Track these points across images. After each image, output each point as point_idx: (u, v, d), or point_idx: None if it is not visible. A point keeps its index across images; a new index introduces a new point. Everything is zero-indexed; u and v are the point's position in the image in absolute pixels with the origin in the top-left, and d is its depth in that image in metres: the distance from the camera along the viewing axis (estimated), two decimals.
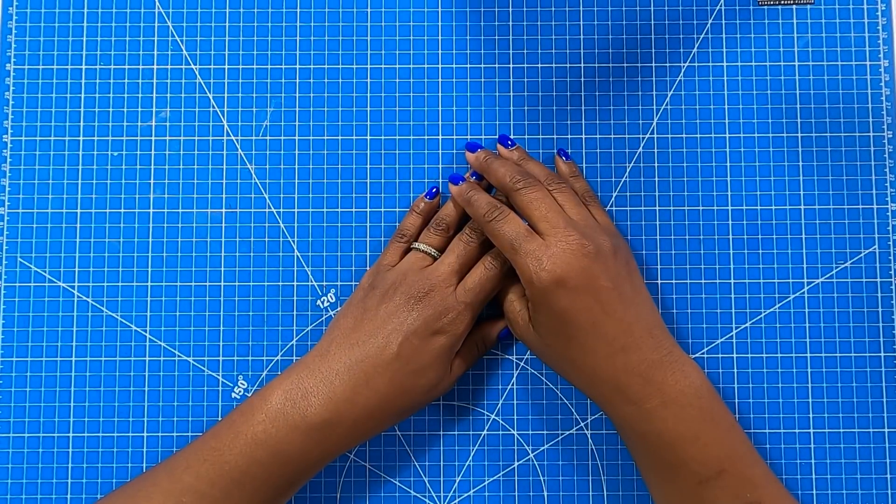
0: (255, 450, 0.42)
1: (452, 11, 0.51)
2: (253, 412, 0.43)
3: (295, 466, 0.43)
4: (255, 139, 0.51)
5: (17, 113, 0.50)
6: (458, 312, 0.45)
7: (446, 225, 0.48)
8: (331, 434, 0.43)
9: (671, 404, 0.42)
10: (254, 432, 0.42)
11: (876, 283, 0.49)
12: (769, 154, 0.50)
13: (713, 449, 0.42)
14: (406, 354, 0.44)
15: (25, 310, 0.49)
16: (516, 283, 0.47)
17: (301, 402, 0.43)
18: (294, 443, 0.42)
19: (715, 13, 0.51)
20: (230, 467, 0.42)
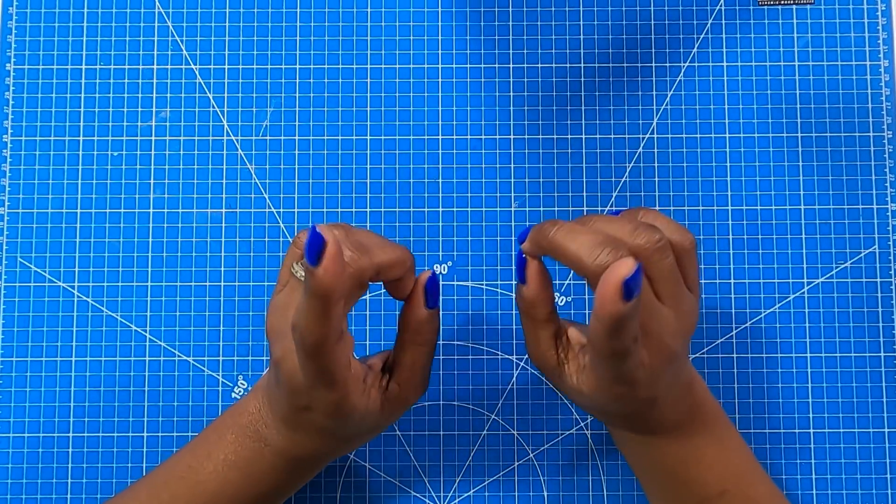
0: (226, 471, 0.41)
1: (452, 11, 0.51)
2: (225, 432, 0.42)
3: (266, 487, 0.42)
4: (255, 139, 0.51)
5: (17, 113, 0.50)
6: (307, 398, 0.37)
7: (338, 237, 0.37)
8: (294, 463, 0.41)
9: (677, 432, 0.41)
10: (225, 454, 0.41)
11: (876, 283, 0.49)
12: (769, 154, 0.50)
13: (716, 470, 0.41)
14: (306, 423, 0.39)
15: (25, 310, 0.49)
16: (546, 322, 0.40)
17: (263, 431, 0.41)
18: (263, 467, 0.41)
19: (715, 13, 0.51)
20: (204, 488, 0.41)
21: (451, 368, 0.49)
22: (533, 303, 0.39)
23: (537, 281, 0.39)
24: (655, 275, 0.36)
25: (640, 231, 0.36)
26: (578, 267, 0.35)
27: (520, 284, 0.40)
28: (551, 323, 0.40)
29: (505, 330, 0.49)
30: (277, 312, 0.39)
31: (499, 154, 0.51)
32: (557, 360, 0.40)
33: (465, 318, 0.50)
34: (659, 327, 0.36)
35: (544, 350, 0.40)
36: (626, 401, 0.38)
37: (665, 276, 0.36)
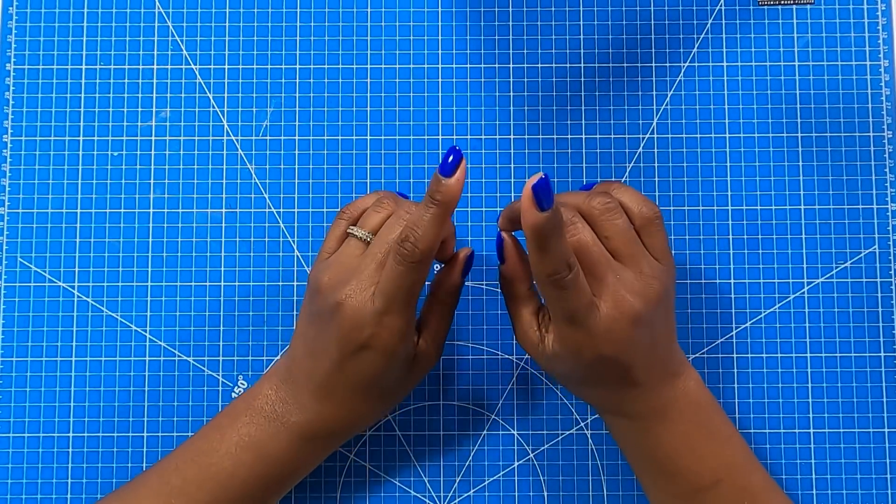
0: (240, 452, 0.42)
1: (452, 11, 0.51)
2: (238, 414, 0.43)
3: (281, 468, 0.42)
4: (255, 139, 0.51)
5: (17, 113, 0.50)
6: (373, 324, 0.39)
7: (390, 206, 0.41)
8: (309, 439, 0.42)
9: (669, 420, 0.41)
10: (239, 435, 0.42)
11: (876, 283, 0.49)
12: (769, 154, 0.50)
13: (710, 460, 0.42)
14: (346, 372, 0.41)
15: (25, 310, 0.49)
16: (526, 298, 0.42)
17: (280, 409, 0.42)
18: (278, 446, 0.42)
19: (715, 13, 0.51)
20: (216, 469, 0.42)
21: (451, 368, 0.49)
22: (512, 278, 0.42)
23: (514, 255, 0.42)
24: (609, 233, 0.40)
25: (593, 196, 0.40)
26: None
27: (501, 266, 0.43)
28: (531, 300, 0.42)
29: (505, 330, 0.49)
30: (333, 269, 0.41)
31: (499, 154, 0.50)
32: (539, 335, 0.41)
33: (465, 318, 0.50)
34: (616, 281, 0.39)
35: (526, 328, 0.42)
36: (589, 353, 0.39)
37: (618, 234, 0.40)
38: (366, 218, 0.42)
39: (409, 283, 0.39)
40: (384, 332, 0.39)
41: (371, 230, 0.41)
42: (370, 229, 0.41)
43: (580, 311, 0.38)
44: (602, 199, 0.40)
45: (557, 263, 0.37)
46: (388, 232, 0.40)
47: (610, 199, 0.40)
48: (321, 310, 0.41)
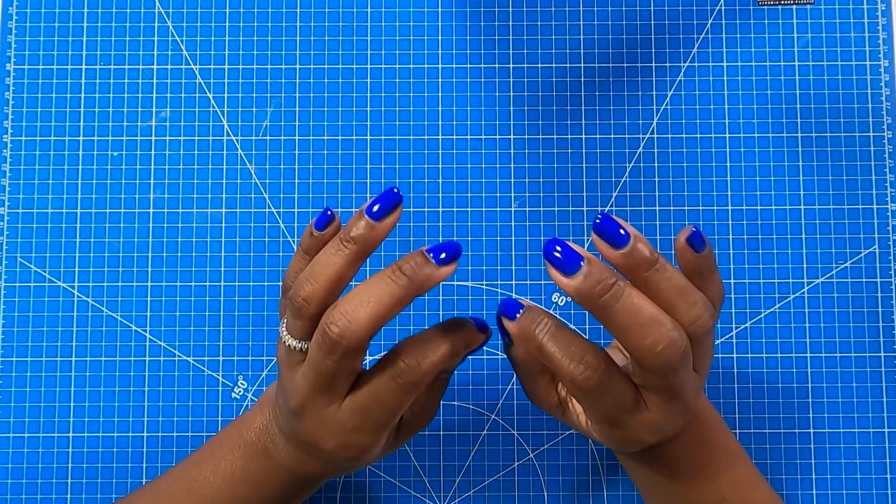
0: (234, 486, 0.41)
1: (452, 11, 0.51)
2: (232, 447, 0.41)
3: (275, 500, 0.41)
4: (255, 139, 0.51)
5: (17, 113, 0.50)
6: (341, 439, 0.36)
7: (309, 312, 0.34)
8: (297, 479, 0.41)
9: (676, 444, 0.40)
10: (233, 469, 0.41)
11: (876, 283, 0.49)
12: (769, 154, 0.50)
13: (714, 481, 0.41)
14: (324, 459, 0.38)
15: (25, 310, 0.49)
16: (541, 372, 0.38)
17: (271, 447, 0.40)
18: (271, 482, 0.41)
19: (715, 13, 0.51)
20: (210, 501, 0.41)
21: None
22: (524, 362, 0.38)
23: None
24: (702, 351, 0.35)
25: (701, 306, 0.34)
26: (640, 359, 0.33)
27: (507, 347, 0.38)
28: (547, 371, 0.39)
29: None
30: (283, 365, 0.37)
31: (499, 154, 0.51)
32: (559, 399, 0.39)
33: None
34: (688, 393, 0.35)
35: (543, 394, 0.39)
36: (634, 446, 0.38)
37: (706, 353, 0.35)
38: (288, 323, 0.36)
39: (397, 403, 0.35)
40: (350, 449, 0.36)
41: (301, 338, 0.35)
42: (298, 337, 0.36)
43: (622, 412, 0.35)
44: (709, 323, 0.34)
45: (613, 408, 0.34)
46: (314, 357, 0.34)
47: (713, 319, 0.34)
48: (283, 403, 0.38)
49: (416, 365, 0.34)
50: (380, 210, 0.33)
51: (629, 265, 0.32)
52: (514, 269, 0.50)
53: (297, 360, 0.36)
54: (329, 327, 0.32)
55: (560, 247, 0.32)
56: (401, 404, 0.34)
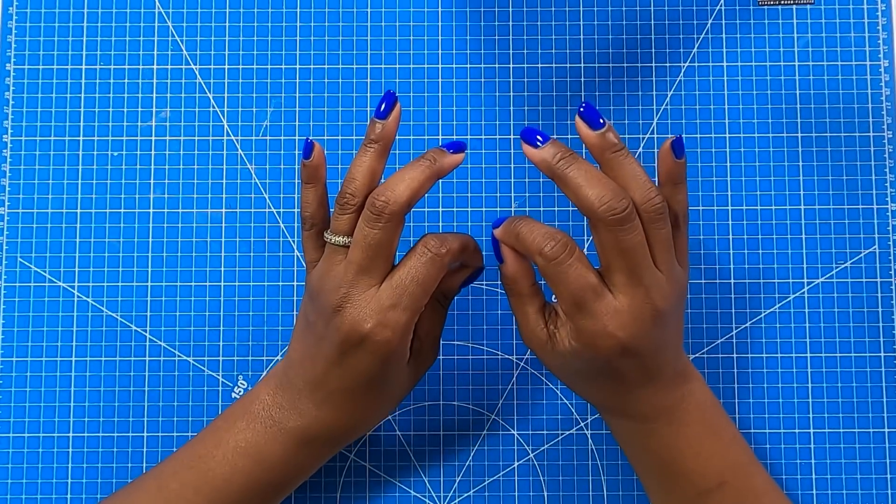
0: (237, 458, 0.42)
1: (452, 11, 0.51)
2: (235, 419, 0.42)
3: (278, 474, 0.42)
4: (255, 139, 0.51)
5: (17, 113, 0.50)
6: (378, 318, 0.39)
7: (350, 196, 0.40)
8: (306, 444, 0.42)
9: (675, 422, 0.41)
10: (236, 441, 0.42)
11: (876, 283, 0.49)
12: (769, 154, 0.50)
13: (714, 462, 0.42)
14: (347, 378, 0.40)
15: (25, 310, 0.49)
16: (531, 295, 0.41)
17: (277, 414, 0.42)
18: (276, 452, 0.42)
19: (715, 13, 0.51)
20: (213, 475, 0.41)
21: (451, 368, 0.49)
22: (514, 277, 0.41)
23: (512, 254, 0.41)
24: (654, 240, 0.39)
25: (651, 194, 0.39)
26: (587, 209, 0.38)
27: (501, 266, 0.42)
28: (536, 297, 0.42)
29: (505, 330, 0.49)
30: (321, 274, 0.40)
31: (499, 154, 0.51)
32: (548, 332, 0.41)
33: (465, 318, 0.50)
34: (650, 282, 0.38)
35: (533, 326, 0.41)
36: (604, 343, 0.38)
37: (662, 242, 0.39)
38: (334, 221, 0.41)
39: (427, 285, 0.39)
40: (385, 331, 0.39)
41: (344, 233, 0.40)
42: (342, 232, 0.40)
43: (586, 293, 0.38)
44: (658, 204, 0.39)
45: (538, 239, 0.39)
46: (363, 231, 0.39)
47: (663, 203, 0.39)
48: (321, 311, 0.40)
49: (441, 242, 0.40)
50: (385, 108, 0.40)
51: (600, 145, 0.40)
52: None
53: (339, 259, 0.40)
54: (377, 198, 0.39)
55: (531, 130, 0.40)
56: (431, 277, 0.39)
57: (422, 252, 0.40)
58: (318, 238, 0.42)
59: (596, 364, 0.40)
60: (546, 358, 0.42)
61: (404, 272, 0.39)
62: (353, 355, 0.40)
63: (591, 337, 0.39)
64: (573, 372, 0.42)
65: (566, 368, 0.42)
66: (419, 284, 0.39)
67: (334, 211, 0.41)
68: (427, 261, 0.39)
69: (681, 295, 0.41)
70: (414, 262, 0.39)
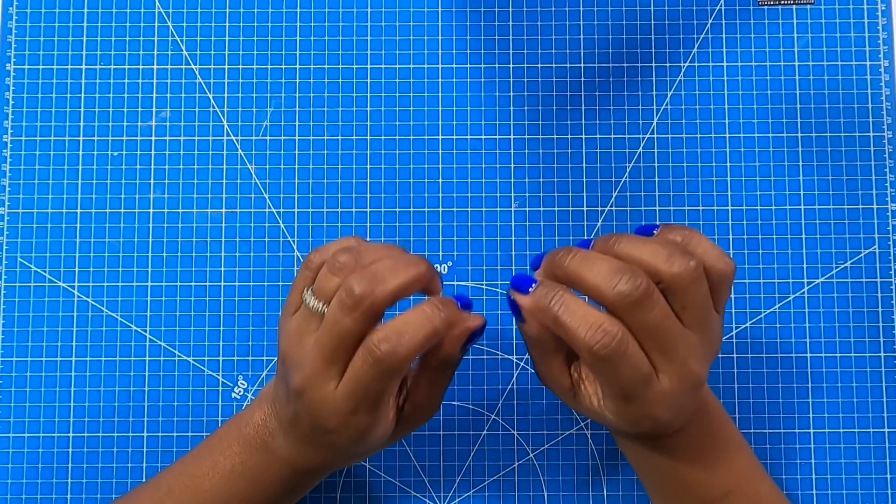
0: (234, 481, 0.41)
1: (452, 11, 0.51)
2: (230, 442, 0.42)
3: (275, 494, 0.42)
4: (255, 139, 0.51)
5: (17, 113, 0.50)
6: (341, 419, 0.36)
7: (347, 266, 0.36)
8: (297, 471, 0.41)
9: (681, 434, 0.40)
10: (232, 464, 0.41)
11: (876, 283, 0.49)
12: (769, 154, 0.50)
13: (719, 472, 0.41)
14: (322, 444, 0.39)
15: (25, 310, 0.49)
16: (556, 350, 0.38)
17: (270, 441, 0.41)
18: (271, 474, 0.41)
19: (715, 13, 0.51)
20: (210, 496, 0.41)
21: None
22: (539, 337, 0.38)
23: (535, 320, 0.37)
24: (687, 303, 0.35)
25: (676, 258, 0.35)
26: (597, 296, 0.34)
27: (521, 325, 0.38)
28: (561, 349, 0.38)
29: (505, 330, 0.49)
30: (292, 339, 0.37)
31: (499, 154, 0.51)
32: (571, 382, 0.39)
33: None
34: (686, 352, 0.35)
35: (557, 375, 0.39)
36: (647, 422, 0.37)
37: (697, 304, 0.35)
38: (320, 280, 0.36)
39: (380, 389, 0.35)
40: (350, 430, 0.36)
41: (325, 299, 0.36)
42: (324, 298, 0.36)
43: (638, 385, 0.35)
44: (687, 267, 0.34)
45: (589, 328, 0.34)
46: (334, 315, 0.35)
47: (696, 265, 0.35)
48: (286, 377, 0.38)
49: (392, 351, 0.34)
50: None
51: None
52: (513, 269, 0.50)
53: (313, 328, 0.36)
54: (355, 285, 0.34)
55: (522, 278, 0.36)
56: (386, 389, 0.35)
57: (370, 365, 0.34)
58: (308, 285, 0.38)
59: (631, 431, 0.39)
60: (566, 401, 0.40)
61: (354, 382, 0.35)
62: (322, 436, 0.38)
63: (635, 418, 0.37)
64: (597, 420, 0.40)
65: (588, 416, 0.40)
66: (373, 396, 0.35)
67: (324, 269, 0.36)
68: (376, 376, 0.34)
69: (717, 346, 0.38)
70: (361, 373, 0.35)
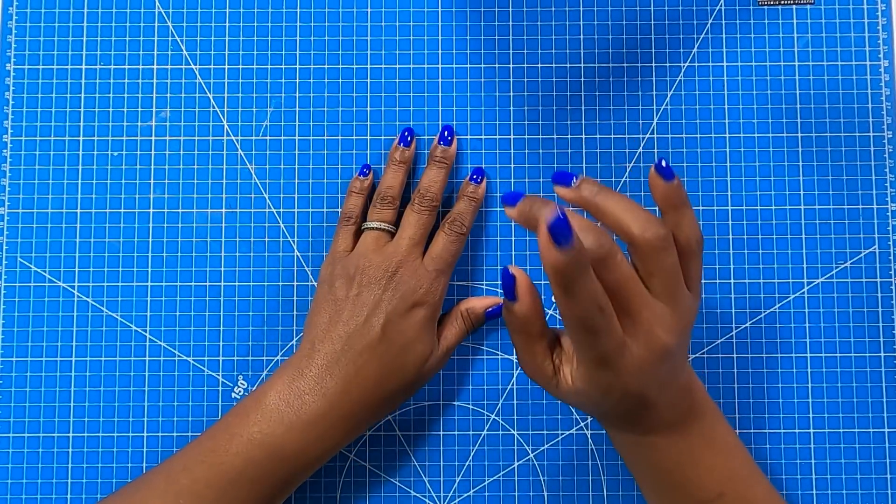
0: (251, 450, 0.42)
1: (452, 11, 0.51)
2: (248, 413, 0.43)
3: (292, 464, 0.43)
4: (255, 139, 0.51)
5: (17, 113, 0.50)
6: (430, 281, 0.46)
7: (391, 197, 0.48)
8: (328, 428, 0.43)
9: (676, 434, 0.41)
10: (250, 433, 0.42)
11: (876, 283, 0.49)
12: (769, 154, 0.50)
13: (713, 473, 0.41)
14: (390, 334, 0.44)
15: (25, 310, 0.49)
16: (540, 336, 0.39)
17: (295, 402, 0.43)
18: (291, 441, 0.42)
19: (715, 13, 0.51)
20: (227, 468, 0.42)
21: (451, 368, 0.49)
22: (527, 319, 0.38)
23: (528, 295, 0.38)
24: (654, 269, 0.37)
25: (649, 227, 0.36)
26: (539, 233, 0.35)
27: (510, 303, 0.38)
28: (545, 334, 0.39)
29: (505, 330, 0.49)
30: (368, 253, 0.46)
31: (499, 154, 0.51)
32: (554, 369, 0.40)
33: None
34: (651, 318, 0.37)
35: (540, 362, 0.40)
36: (618, 393, 0.38)
37: (664, 272, 0.37)
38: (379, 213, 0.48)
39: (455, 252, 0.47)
40: (434, 289, 0.46)
41: (388, 221, 0.48)
42: (388, 221, 0.48)
43: (611, 354, 0.36)
44: (658, 234, 0.36)
45: (586, 307, 0.34)
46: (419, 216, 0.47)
47: (666, 235, 0.37)
48: (371, 280, 0.45)
49: (462, 223, 0.48)
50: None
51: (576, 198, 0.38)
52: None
53: (385, 239, 0.47)
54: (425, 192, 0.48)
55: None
56: (459, 249, 0.48)
57: (449, 233, 0.47)
58: (356, 231, 0.48)
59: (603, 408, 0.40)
60: (550, 391, 0.40)
61: (440, 249, 0.47)
62: (406, 315, 0.45)
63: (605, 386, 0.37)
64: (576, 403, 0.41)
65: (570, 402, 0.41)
66: (453, 257, 0.47)
67: (375, 205, 0.48)
68: (455, 240, 0.47)
69: (690, 324, 0.39)
70: (446, 241, 0.47)
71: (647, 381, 0.38)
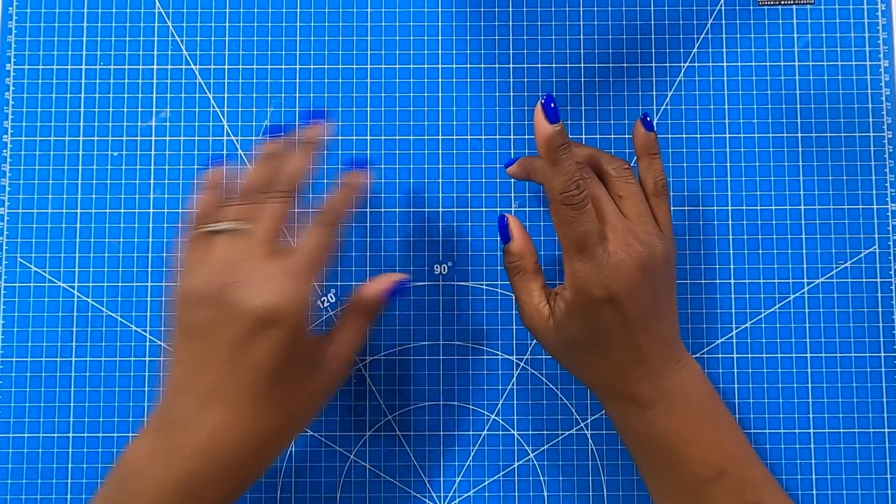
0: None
1: (452, 11, 0.51)
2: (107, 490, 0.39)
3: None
4: (255, 139, 0.51)
5: (17, 113, 0.50)
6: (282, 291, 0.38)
7: (257, 191, 0.41)
8: (202, 490, 0.38)
9: (675, 409, 0.42)
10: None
11: (876, 283, 0.49)
12: (769, 154, 0.50)
13: (714, 451, 0.42)
14: (249, 367, 0.38)
15: (25, 310, 0.49)
16: (535, 272, 0.44)
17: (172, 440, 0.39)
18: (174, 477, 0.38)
19: (715, 13, 0.51)
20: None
21: (451, 368, 0.49)
22: (521, 253, 0.44)
23: (520, 232, 0.44)
24: (623, 193, 0.43)
25: (612, 160, 0.45)
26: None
27: (506, 245, 0.44)
28: (539, 274, 0.44)
29: (505, 330, 0.49)
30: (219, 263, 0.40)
31: (499, 154, 0.51)
32: (550, 309, 0.43)
33: (466, 318, 0.50)
34: (623, 228, 0.41)
35: (537, 303, 0.43)
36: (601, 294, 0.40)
37: (631, 195, 0.43)
38: (223, 211, 0.41)
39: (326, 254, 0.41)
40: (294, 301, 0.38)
41: (242, 218, 0.40)
42: (240, 218, 0.40)
43: (591, 238, 0.40)
44: (620, 164, 0.44)
45: (568, 178, 0.40)
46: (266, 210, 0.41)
47: (628, 166, 0.44)
48: (218, 301, 0.38)
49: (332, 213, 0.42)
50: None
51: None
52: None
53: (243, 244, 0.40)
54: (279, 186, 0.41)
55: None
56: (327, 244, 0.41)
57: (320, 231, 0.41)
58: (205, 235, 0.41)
59: (589, 323, 0.41)
60: (546, 336, 0.43)
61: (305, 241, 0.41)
62: (260, 335, 0.38)
63: (586, 282, 0.40)
64: (570, 347, 0.42)
65: (563, 343, 0.42)
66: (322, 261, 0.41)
67: (230, 203, 0.42)
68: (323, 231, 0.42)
69: (664, 255, 0.42)
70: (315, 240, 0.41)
71: (628, 289, 0.40)
